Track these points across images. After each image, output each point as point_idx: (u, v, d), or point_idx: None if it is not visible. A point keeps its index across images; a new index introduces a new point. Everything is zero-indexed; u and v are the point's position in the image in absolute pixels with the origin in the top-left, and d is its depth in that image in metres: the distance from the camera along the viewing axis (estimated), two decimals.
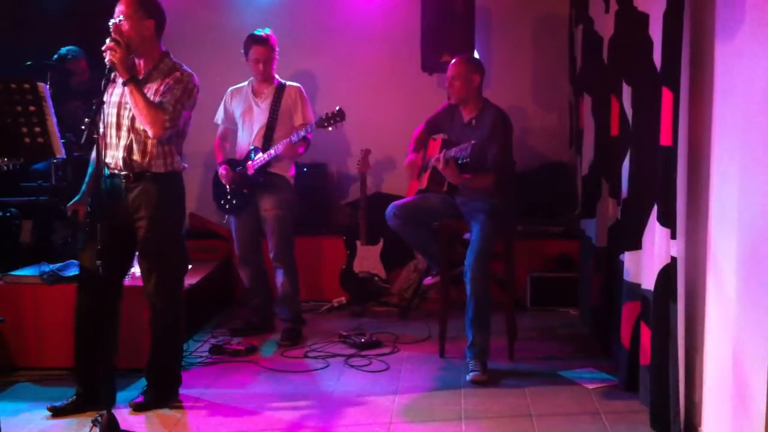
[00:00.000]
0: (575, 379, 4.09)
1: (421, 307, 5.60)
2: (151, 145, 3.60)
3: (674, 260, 3.09)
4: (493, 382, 4.04)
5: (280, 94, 4.86)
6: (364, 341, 4.65)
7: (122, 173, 3.62)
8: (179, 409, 3.73)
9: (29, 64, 4.91)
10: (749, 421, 2.63)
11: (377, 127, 6.10)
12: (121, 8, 3.55)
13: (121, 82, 3.54)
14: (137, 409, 3.66)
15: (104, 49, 3.44)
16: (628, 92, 3.82)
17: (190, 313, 4.45)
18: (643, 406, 3.57)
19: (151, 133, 3.55)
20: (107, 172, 3.63)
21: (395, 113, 6.07)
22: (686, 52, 3.05)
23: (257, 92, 4.91)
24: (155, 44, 3.66)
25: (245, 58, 4.86)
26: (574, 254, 5.62)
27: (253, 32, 4.83)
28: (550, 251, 5.76)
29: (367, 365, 4.36)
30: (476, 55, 5.37)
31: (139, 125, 3.58)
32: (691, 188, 3.13)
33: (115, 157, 3.62)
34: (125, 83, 3.51)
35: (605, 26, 4.39)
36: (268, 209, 4.81)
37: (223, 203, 4.95)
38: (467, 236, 4.34)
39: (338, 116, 4.71)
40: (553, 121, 6.25)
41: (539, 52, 6.21)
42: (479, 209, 4.31)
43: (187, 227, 5.69)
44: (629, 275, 3.79)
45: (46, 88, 3.42)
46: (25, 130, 3.39)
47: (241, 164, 4.86)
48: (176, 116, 3.58)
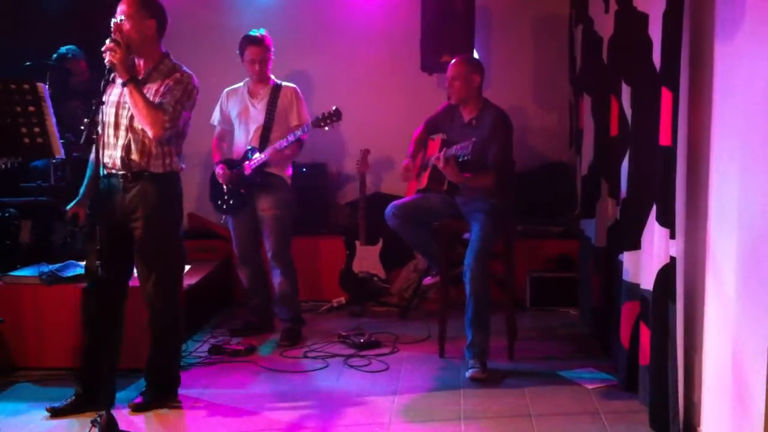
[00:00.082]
0: (575, 379, 4.09)
1: (420, 307, 5.59)
2: (149, 145, 3.60)
3: (673, 260, 3.09)
4: (492, 382, 4.04)
5: (276, 94, 4.86)
6: (363, 341, 4.65)
7: (120, 173, 3.61)
8: (178, 409, 3.73)
9: (28, 64, 4.91)
10: (748, 420, 2.63)
11: (377, 127, 6.10)
12: (122, 8, 3.54)
13: (120, 82, 3.53)
14: (136, 409, 3.66)
15: (104, 49, 3.44)
16: (627, 92, 3.82)
17: (189, 313, 4.45)
18: (642, 405, 3.57)
19: (150, 133, 3.54)
20: (104, 171, 3.63)
21: (395, 113, 6.07)
22: (686, 52, 3.05)
23: (253, 93, 4.91)
24: (156, 44, 3.66)
25: (241, 58, 4.86)
26: (573, 254, 5.62)
27: (248, 33, 4.84)
28: (549, 251, 5.76)
29: (366, 365, 4.36)
30: (476, 55, 5.37)
31: (137, 125, 3.58)
32: (690, 188, 3.13)
33: (112, 156, 3.61)
34: (125, 84, 3.50)
35: (605, 26, 4.39)
36: (265, 209, 4.81)
37: (220, 203, 4.94)
38: (467, 236, 4.33)
39: (335, 116, 4.71)
40: (552, 121, 6.24)
41: (539, 52, 6.20)
42: (479, 209, 4.31)
43: (186, 227, 5.70)
44: (628, 275, 3.79)
45: (45, 88, 3.42)
46: (24, 130, 3.39)
47: (238, 164, 4.86)
48: (176, 117, 3.58)
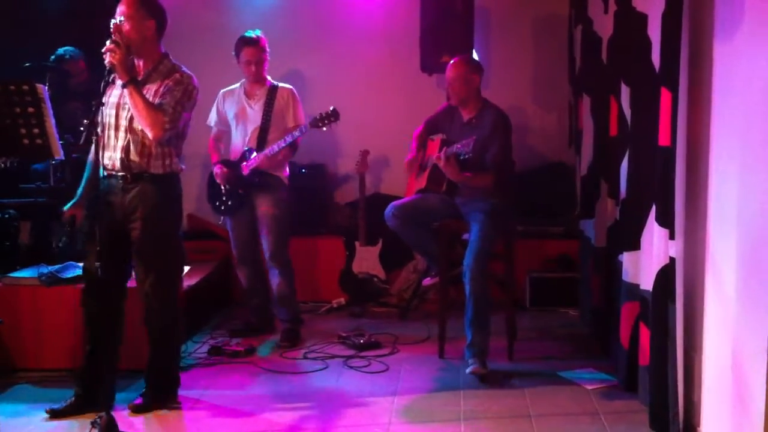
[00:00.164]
0: (575, 379, 4.08)
1: (420, 307, 5.59)
2: (149, 146, 3.59)
3: (673, 260, 3.09)
4: (492, 382, 4.03)
5: (272, 95, 4.86)
6: (363, 342, 4.65)
7: (120, 174, 3.61)
8: (178, 410, 3.72)
9: (28, 65, 4.91)
10: (748, 420, 2.63)
11: (376, 127, 6.10)
12: (122, 8, 3.54)
13: (120, 83, 3.53)
14: (136, 410, 3.65)
15: (104, 50, 3.43)
16: (626, 92, 3.82)
17: (189, 314, 4.46)
18: (642, 406, 3.57)
19: (150, 135, 3.54)
20: (104, 173, 3.63)
21: (394, 114, 6.06)
22: (685, 52, 3.05)
23: (249, 94, 4.91)
24: (155, 45, 3.66)
25: (236, 60, 4.86)
26: (573, 254, 5.62)
27: (243, 34, 4.84)
28: (549, 251, 5.76)
29: (366, 366, 4.36)
30: (475, 55, 5.37)
31: (137, 126, 3.57)
32: (689, 188, 3.13)
33: (112, 158, 3.61)
34: (125, 85, 3.50)
35: (604, 26, 4.39)
36: (264, 208, 4.80)
37: (218, 204, 4.94)
38: (466, 237, 4.33)
39: (332, 116, 4.70)
40: (552, 121, 6.24)
41: (538, 52, 6.20)
42: (479, 209, 4.30)
43: (185, 228, 5.69)
44: (628, 276, 3.79)
45: (44, 89, 3.42)
46: (23, 131, 3.40)
47: (236, 165, 4.86)
48: (176, 118, 3.58)
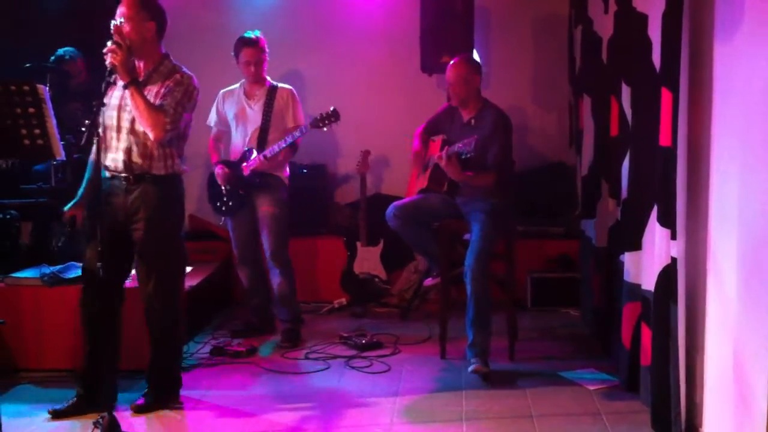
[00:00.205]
0: (576, 379, 4.08)
1: (421, 308, 5.59)
2: (151, 147, 3.60)
3: (674, 261, 3.09)
4: (493, 382, 4.04)
5: (272, 95, 4.86)
6: (364, 342, 4.65)
7: (122, 175, 3.61)
8: (180, 410, 3.73)
9: (28, 66, 4.91)
10: (750, 421, 2.63)
11: (377, 127, 6.10)
12: (122, 10, 3.54)
13: (121, 84, 3.53)
14: (138, 411, 3.66)
15: (105, 51, 3.44)
16: (627, 93, 3.82)
17: (190, 314, 4.46)
18: (644, 406, 3.57)
19: (152, 135, 3.55)
20: (107, 174, 3.63)
21: (395, 114, 6.06)
22: (685, 52, 3.05)
23: (249, 94, 4.91)
24: (156, 46, 3.66)
25: (236, 60, 4.86)
26: (574, 254, 5.61)
27: (242, 35, 4.84)
28: (550, 251, 5.76)
29: (367, 366, 4.36)
30: (475, 55, 5.36)
31: (138, 128, 3.58)
32: (690, 188, 3.13)
33: (114, 159, 3.62)
34: (126, 86, 3.50)
35: (604, 27, 4.39)
36: (264, 208, 4.80)
37: (219, 205, 4.94)
38: (467, 237, 4.34)
39: (333, 116, 4.70)
40: (552, 121, 6.24)
41: (539, 52, 6.20)
42: (479, 209, 4.30)
43: (186, 229, 5.69)
44: (629, 276, 3.79)
45: (45, 90, 3.42)
46: (24, 131, 3.39)
47: (236, 165, 4.86)
48: (177, 119, 3.58)
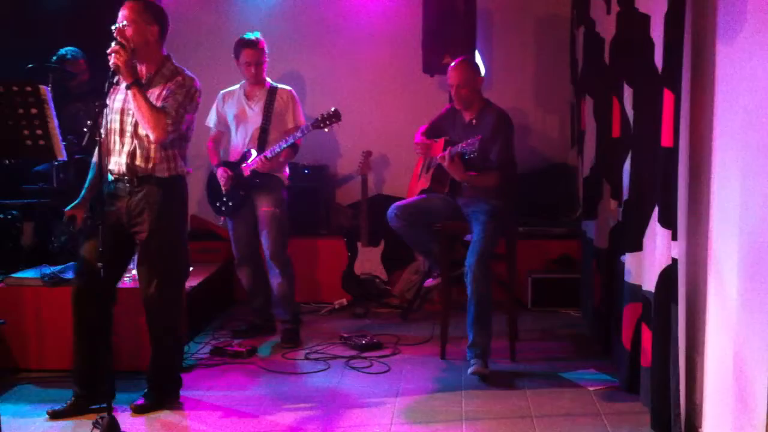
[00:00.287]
0: (576, 380, 4.08)
1: (422, 308, 5.59)
2: (154, 150, 3.60)
3: (675, 261, 3.09)
4: (494, 382, 4.04)
5: (272, 96, 4.87)
6: (365, 343, 4.65)
7: (125, 178, 3.62)
8: (180, 411, 3.73)
9: (30, 66, 4.92)
10: (750, 422, 2.63)
11: (378, 128, 6.11)
12: (125, 13, 3.54)
13: (124, 86, 3.54)
14: (138, 411, 3.66)
15: (109, 51, 3.44)
16: (629, 93, 3.82)
17: (191, 314, 4.46)
18: (644, 407, 3.57)
19: (153, 137, 3.55)
20: (110, 177, 3.64)
21: (397, 115, 6.08)
22: (687, 53, 3.04)
23: (249, 95, 4.92)
24: (158, 49, 3.66)
25: (236, 61, 4.87)
26: (575, 255, 5.62)
27: (242, 36, 4.85)
28: (551, 252, 5.77)
29: (368, 367, 4.36)
30: (477, 56, 5.37)
31: (142, 131, 3.58)
32: (692, 189, 3.13)
33: (118, 162, 3.63)
34: (129, 87, 3.50)
35: (606, 28, 4.39)
36: (264, 208, 4.80)
37: (219, 205, 4.95)
38: (468, 238, 4.33)
39: (334, 117, 4.70)
40: (554, 122, 6.25)
41: (540, 53, 6.21)
42: (481, 210, 4.30)
43: (188, 229, 5.69)
44: (630, 276, 3.79)
45: (47, 90, 3.42)
46: (26, 132, 3.40)
47: (236, 166, 4.86)
48: (179, 120, 3.59)
